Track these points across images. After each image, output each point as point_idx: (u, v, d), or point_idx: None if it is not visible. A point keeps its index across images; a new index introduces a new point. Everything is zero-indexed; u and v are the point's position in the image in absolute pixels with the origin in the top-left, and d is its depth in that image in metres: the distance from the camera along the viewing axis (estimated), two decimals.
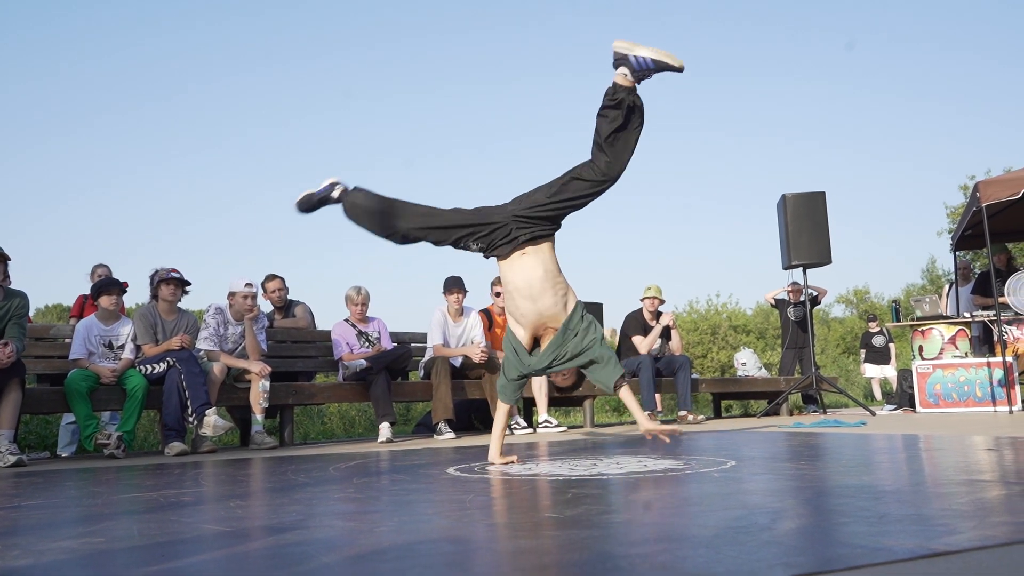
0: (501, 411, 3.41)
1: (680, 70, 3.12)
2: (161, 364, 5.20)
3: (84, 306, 6.46)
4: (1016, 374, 7.49)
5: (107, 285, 5.43)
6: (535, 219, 3.17)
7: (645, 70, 3.09)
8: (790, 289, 9.54)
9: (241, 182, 38.65)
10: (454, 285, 6.44)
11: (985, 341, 8.27)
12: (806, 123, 39.55)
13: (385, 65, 38.14)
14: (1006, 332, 7.71)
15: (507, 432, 6.09)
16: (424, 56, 37.83)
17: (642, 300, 7.69)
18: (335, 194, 3.36)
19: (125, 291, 5.67)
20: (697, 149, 39.92)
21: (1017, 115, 36.68)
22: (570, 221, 3.32)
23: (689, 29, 36.79)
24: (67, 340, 5.57)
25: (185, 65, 36.18)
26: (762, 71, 38.28)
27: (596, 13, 35.68)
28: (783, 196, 7.72)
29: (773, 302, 9.98)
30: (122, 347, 5.35)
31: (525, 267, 3.17)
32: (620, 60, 3.10)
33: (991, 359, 7.63)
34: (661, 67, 3.10)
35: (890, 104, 40.16)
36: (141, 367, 5.24)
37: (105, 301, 5.33)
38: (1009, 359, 7.42)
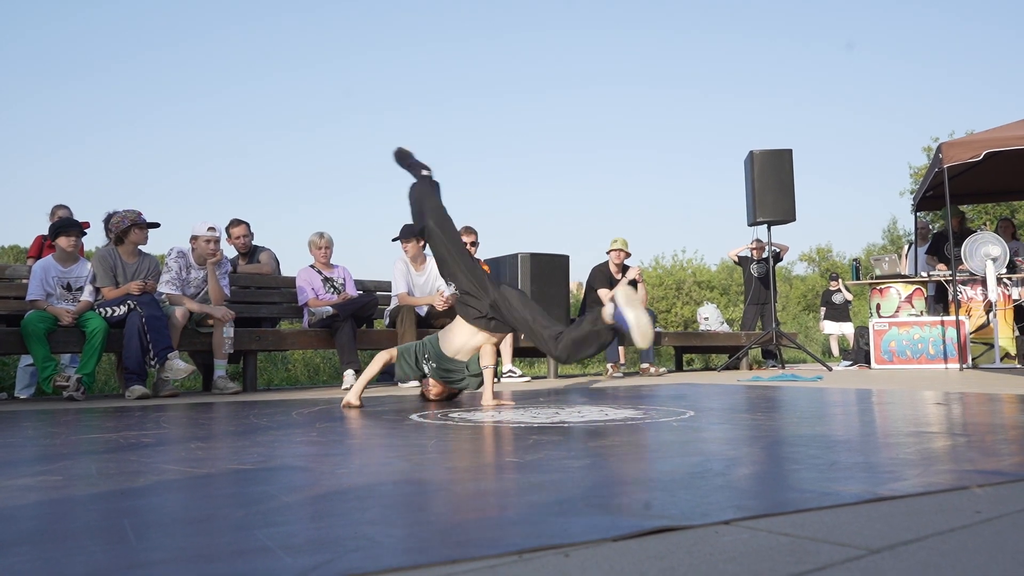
0: (379, 361, 3.87)
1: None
2: (122, 307, 5.13)
3: (43, 247, 6.33)
4: (968, 333, 7.70)
5: (66, 226, 5.31)
6: (503, 325, 3.64)
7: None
8: (753, 246, 9.64)
9: (209, 127, 37.80)
10: (409, 234, 6.38)
11: (939, 300, 8.46)
12: (773, 80, 39.60)
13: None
14: (960, 292, 7.90)
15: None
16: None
17: (608, 253, 7.72)
18: (423, 172, 3.94)
19: (85, 233, 5.56)
20: (666, 104, 39.82)
21: (982, 78, 37.06)
22: (537, 172, 3.49)
23: None
24: (23, 281, 5.46)
25: (163, 12, 35.07)
26: (732, 27, 38.10)
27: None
28: (750, 153, 7.76)
29: (736, 259, 10.09)
30: (80, 289, 5.26)
31: (472, 341, 3.71)
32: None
33: (945, 318, 7.83)
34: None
35: (858, 64, 40.32)
36: (101, 310, 5.16)
37: (63, 242, 5.23)
38: (962, 318, 7.62)
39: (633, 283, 7.72)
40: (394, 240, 6.47)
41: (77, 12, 36.21)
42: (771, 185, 7.64)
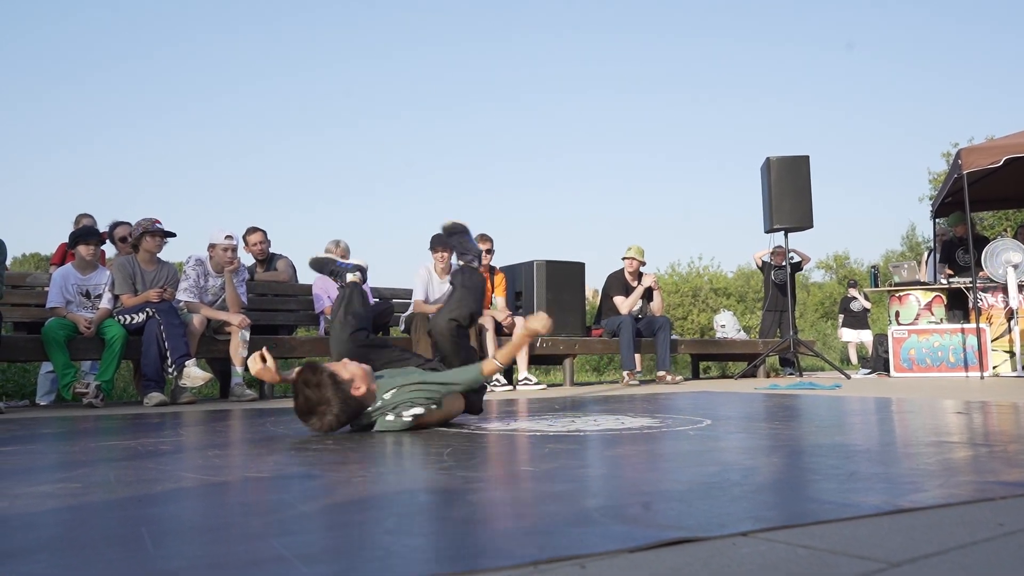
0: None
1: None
2: (140, 314, 5.18)
3: (66, 255, 6.40)
4: (989, 340, 7.62)
5: (85, 234, 5.37)
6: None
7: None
8: (774, 252, 9.59)
9: (226, 135, 38.14)
10: (440, 243, 6.41)
11: (956, 307, 8.37)
12: (791, 85, 39.48)
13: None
14: (980, 299, 7.81)
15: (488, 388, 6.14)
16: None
17: (623, 260, 7.71)
18: (347, 279, 3.44)
19: (104, 241, 5.62)
20: (683, 109, 39.77)
21: (1002, 83, 36.75)
22: (553, 178, 3.45)
23: None
24: (44, 288, 5.52)
25: (177, 14, 35.46)
26: (749, 31, 38.02)
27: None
28: (767, 159, 7.72)
29: (761, 263, 10.04)
30: (99, 296, 5.31)
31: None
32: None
33: (965, 325, 7.74)
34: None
35: (876, 68, 40.11)
36: (120, 317, 5.21)
37: (83, 250, 5.28)
38: (983, 326, 7.54)
39: (649, 291, 7.69)
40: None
41: (92, 16, 36.68)
42: (788, 191, 7.60)
